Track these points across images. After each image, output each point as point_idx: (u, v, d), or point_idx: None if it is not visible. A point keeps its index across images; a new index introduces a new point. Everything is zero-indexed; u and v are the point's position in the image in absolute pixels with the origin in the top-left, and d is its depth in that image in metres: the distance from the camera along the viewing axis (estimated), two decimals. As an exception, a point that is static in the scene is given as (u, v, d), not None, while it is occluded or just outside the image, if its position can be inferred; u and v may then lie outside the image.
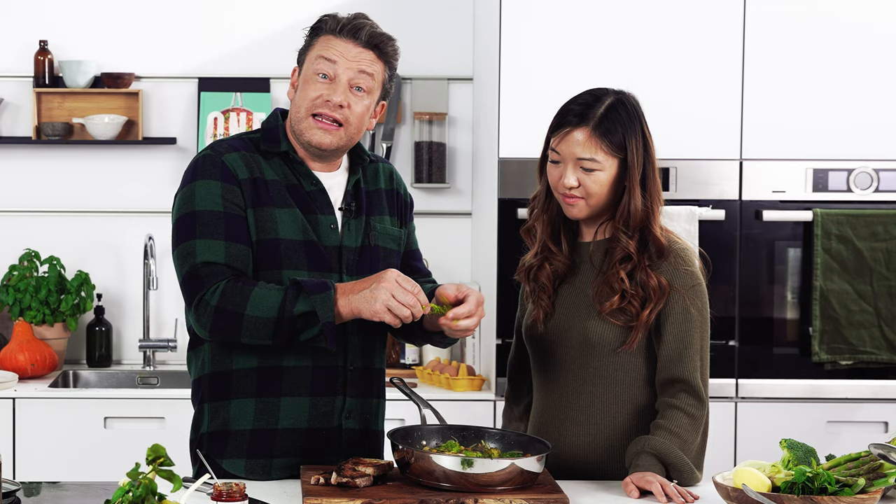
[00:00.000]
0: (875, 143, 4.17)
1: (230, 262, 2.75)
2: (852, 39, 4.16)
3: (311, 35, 2.85)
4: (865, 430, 4.17)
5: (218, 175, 2.79)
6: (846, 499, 2.45)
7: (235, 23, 4.81)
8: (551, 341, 2.89)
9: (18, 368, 4.43)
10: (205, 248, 2.75)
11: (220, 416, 2.85)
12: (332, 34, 2.81)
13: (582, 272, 2.88)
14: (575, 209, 2.83)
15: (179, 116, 4.81)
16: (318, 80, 2.80)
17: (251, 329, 2.71)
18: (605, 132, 2.78)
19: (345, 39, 2.79)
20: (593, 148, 2.78)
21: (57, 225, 4.79)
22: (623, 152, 2.80)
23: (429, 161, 4.75)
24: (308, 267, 2.80)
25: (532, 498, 2.57)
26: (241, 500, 2.34)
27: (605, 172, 2.80)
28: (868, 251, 4.13)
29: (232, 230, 2.76)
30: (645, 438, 2.76)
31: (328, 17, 2.84)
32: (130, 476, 2.24)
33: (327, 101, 2.79)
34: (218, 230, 2.76)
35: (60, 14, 4.77)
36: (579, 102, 2.82)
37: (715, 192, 4.17)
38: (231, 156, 2.81)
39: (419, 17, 4.80)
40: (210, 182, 2.79)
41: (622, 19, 4.15)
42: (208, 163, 2.81)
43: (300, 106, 2.81)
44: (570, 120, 2.80)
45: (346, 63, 2.79)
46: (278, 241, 2.79)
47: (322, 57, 2.80)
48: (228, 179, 2.79)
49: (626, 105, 2.82)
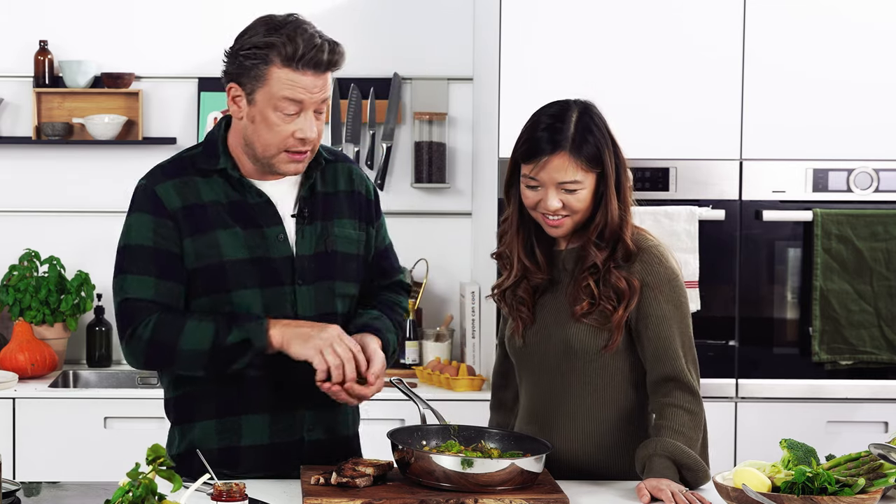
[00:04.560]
0: (875, 143, 4.17)
1: (158, 299, 2.73)
2: (852, 39, 4.16)
3: (261, 61, 2.67)
4: (865, 430, 4.17)
5: (150, 208, 2.74)
6: (846, 499, 2.45)
7: (235, 23, 4.78)
8: (534, 350, 2.87)
9: (18, 368, 4.43)
10: (135, 284, 2.73)
11: (187, 438, 2.85)
12: (290, 67, 2.66)
13: (561, 281, 2.86)
14: (560, 230, 2.79)
15: (179, 116, 4.81)
16: (284, 116, 2.69)
17: (185, 361, 2.72)
18: (581, 151, 2.73)
19: (304, 72, 2.66)
20: (573, 170, 2.73)
21: (57, 225, 4.79)
22: (600, 166, 2.76)
23: (429, 161, 4.75)
24: (260, 283, 2.75)
25: (532, 498, 2.57)
26: (241, 500, 2.34)
27: (586, 189, 2.76)
28: (868, 251, 4.13)
29: (161, 267, 2.73)
30: (655, 441, 2.73)
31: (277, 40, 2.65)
32: (130, 476, 2.24)
33: (301, 140, 2.70)
34: (148, 266, 2.73)
35: (60, 14, 4.77)
36: (545, 126, 2.75)
37: (715, 192, 4.17)
38: (163, 186, 2.75)
39: (419, 17, 4.80)
40: (143, 215, 2.75)
41: (622, 19, 4.15)
42: (142, 195, 2.77)
43: (269, 143, 2.70)
44: (543, 147, 2.73)
45: (310, 97, 2.68)
46: (223, 263, 2.74)
47: (288, 98, 2.67)
48: (160, 213, 2.73)
49: (591, 116, 2.77)
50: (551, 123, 2.75)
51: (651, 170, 4.14)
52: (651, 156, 4.13)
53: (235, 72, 2.72)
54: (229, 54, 2.75)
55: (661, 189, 4.14)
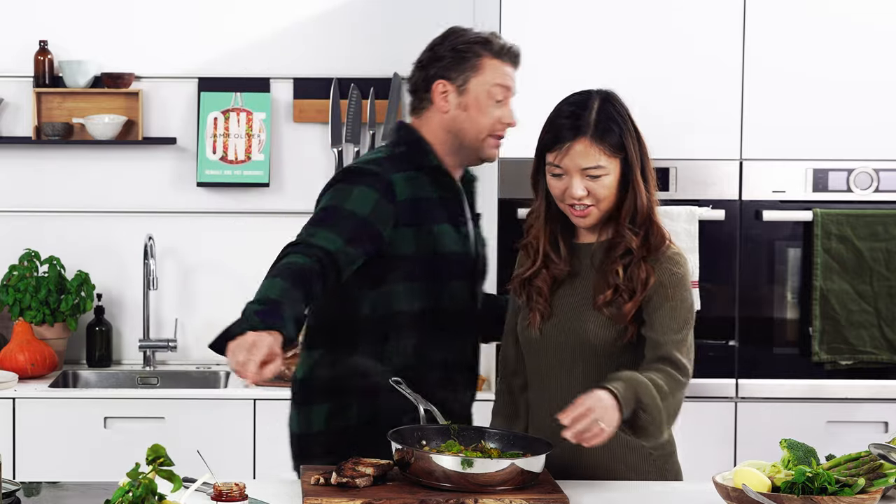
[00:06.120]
0: (875, 143, 4.17)
1: (331, 249, 2.83)
2: (853, 39, 4.16)
3: (474, 54, 3.01)
4: (865, 430, 4.17)
5: (381, 189, 2.94)
6: (846, 499, 2.45)
7: (235, 23, 4.81)
8: (549, 343, 2.88)
9: (18, 368, 4.43)
10: (324, 236, 2.85)
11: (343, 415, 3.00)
12: (499, 59, 3.02)
13: (580, 274, 2.88)
14: (587, 219, 2.82)
15: (179, 116, 4.81)
16: (494, 103, 3.01)
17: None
18: (604, 136, 2.78)
19: (508, 63, 3.04)
20: (596, 155, 2.77)
21: (57, 225, 4.79)
22: (623, 151, 2.80)
23: (429, 161, 4.75)
24: (462, 276, 3.05)
25: (532, 498, 2.57)
26: (241, 500, 2.34)
27: (610, 175, 2.80)
28: (868, 251, 4.13)
29: (357, 236, 2.89)
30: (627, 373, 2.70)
31: (486, 36, 3.02)
32: (130, 476, 2.25)
33: (507, 125, 3.04)
34: (347, 230, 2.88)
35: (60, 14, 4.77)
36: (567, 114, 2.81)
37: (715, 192, 4.17)
38: (396, 176, 2.98)
39: (419, 17, 4.80)
40: (371, 192, 2.93)
41: (622, 19, 4.15)
42: (374, 177, 2.96)
43: (482, 127, 3.01)
44: (565, 135, 2.79)
45: (513, 85, 3.05)
46: (440, 255, 3.00)
47: (499, 85, 3.01)
48: (388, 197, 2.94)
49: (613, 103, 2.82)
50: (573, 111, 2.81)
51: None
52: (651, 156, 4.11)
53: (443, 69, 3.02)
54: (434, 57, 3.05)
55: (661, 189, 4.08)
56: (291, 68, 4.81)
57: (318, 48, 4.80)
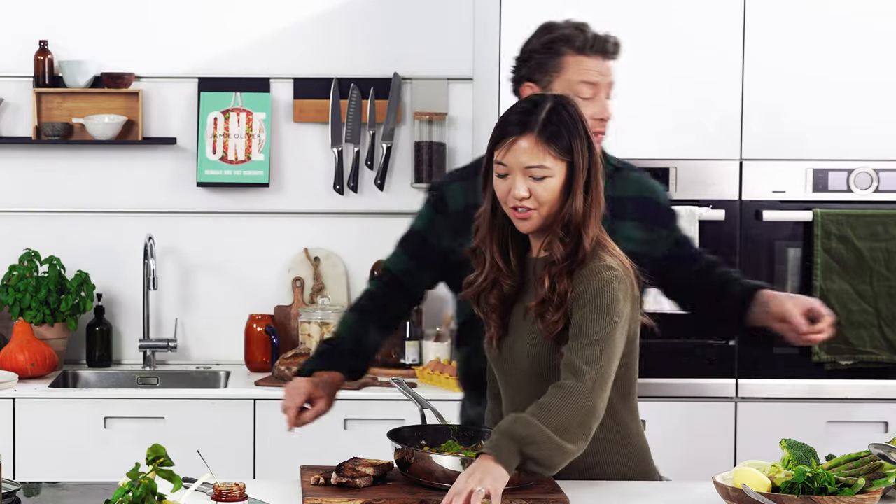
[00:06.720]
0: (875, 143, 4.18)
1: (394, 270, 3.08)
2: (853, 39, 4.16)
3: (555, 54, 2.98)
4: (865, 430, 4.17)
5: (434, 203, 3.07)
6: (846, 499, 2.45)
7: (235, 23, 4.82)
8: (505, 361, 2.82)
9: (18, 368, 4.43)
10: (393, 255, 3.11)
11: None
12: (582, 54, 2.97)
13: (530, 289, 2.78)
14: (527, 223, 2.72)
15: (179, 116, 4.81)
16: (581, 101, 2.89)
17: None
18: (551, 136, 2.67)
19: (594, 57, 2.98)
20: (541, 154, 2.67)
21: (57, 225, 4.79)
22: (570, 156, 2.68)
23: (429, 161, 4.75)
24: None
25: (532, 498, 2.57)
26: (241, 500, 2.34)
27: (554, 178, 2.68)
28: (868, 251, 4.13)
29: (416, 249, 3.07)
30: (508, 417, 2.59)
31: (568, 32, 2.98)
32: (130, 476, 2.25)
33: (600, 120, 2.96)
34: (409, 247, 3.09)
35: (60, 14, 4.77)
36: (518, 111, 2.72)
37: (715, 192, 4.17)
38: (452, 186, 3.06)
39: (419, 17, 4.80)
40: (427, 207, 3.09)
41: (622, 19, 4.14)
42: (431, 190, 3.12)
43: None
44: (511, 130, 2.69)
45: (602, 79, 2.98)
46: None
47: (584, 82, 2.96)
48: (441, 210, 3.05)
49: (566, 108, 2.71)
50: (524, 109, 2.72)
51: (651, 170, 4.11)
52: (651, 156, 4.13)
53: (528, 72, 3.00)
54: (522, 58, 3.03)
55: (661, 189, 4.14)
56: (291, 68, 4.81)
57: (318, 48, 4.81)
